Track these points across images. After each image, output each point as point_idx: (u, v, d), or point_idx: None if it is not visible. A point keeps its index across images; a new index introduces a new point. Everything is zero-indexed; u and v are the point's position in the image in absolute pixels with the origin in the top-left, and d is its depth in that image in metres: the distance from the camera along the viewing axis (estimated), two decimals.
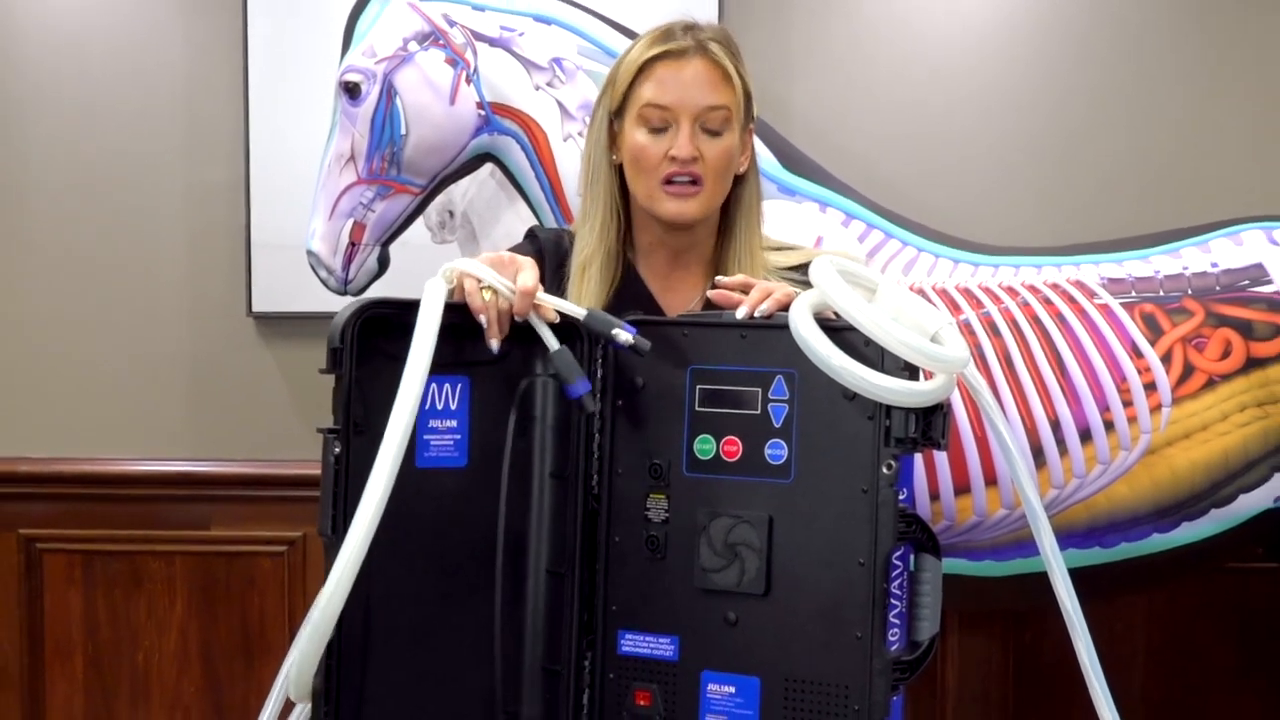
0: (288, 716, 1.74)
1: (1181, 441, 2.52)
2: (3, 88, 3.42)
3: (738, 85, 2.05)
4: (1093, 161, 3.31)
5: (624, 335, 1.73)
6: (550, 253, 2.11)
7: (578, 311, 1.77)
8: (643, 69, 2.04)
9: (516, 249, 2.10)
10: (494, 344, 1.74)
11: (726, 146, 2.03)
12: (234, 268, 3.39)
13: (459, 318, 1.73)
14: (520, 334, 1.79)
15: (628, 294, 2.08)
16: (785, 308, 1.71)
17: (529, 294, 1.76)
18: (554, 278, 2.08)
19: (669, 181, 2.02)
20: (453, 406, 1.75)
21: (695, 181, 2.02)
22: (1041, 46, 3.31)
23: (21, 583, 3.42)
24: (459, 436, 1.76)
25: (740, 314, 1.75)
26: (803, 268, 2.04)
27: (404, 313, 1.67)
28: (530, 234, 2.20)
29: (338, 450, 1.66)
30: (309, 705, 1.68)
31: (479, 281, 1.75)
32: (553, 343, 1.76)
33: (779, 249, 2.16)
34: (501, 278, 1.76)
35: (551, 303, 1.78)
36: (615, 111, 2.07)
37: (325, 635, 1.58)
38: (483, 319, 1.74)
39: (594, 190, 2.10)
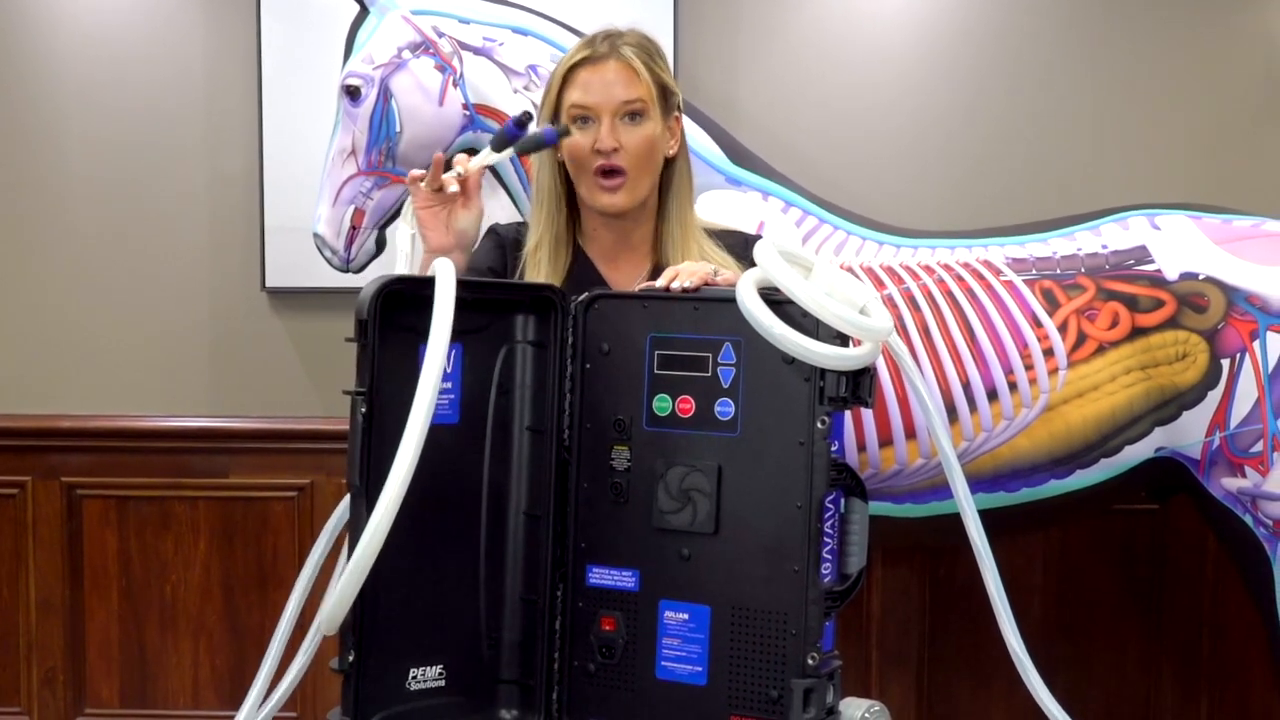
0: (298, 643, 1.73)
1: (1075, 400, 2.53)
2: (44, 92, 3.40)
3: (649, 80, 2.04)
4: (1000, 157, 3.32)
5: (549, 133, 2.00)
6: (510, 244, 2.12)
7: (503, 154, 2.02)
8: (567, 76, 2.05)
9: (481, 244, 2.12)
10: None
11: (646, 135, 2.03)
12: (249, 248, 3.37)
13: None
14: (501, 306, 1.78)
15: (577, 273, 2.07)
16: (707, 282, 1.75)
17: (418, 178, 2.01)
18: (514, 263, 2.09)
19: (600, 174, 2.02)
20: (448, 371, 1.74)
21: (620, 172, 2.02)
22: (957, 60, 3.31)
23: (64, 525, 3.40)
24: (453, 397, 1.74)
25: (659, 284, 1.78)
26: (733, 234, 2.11)
27: (419, 288, 1.64)
28: (492, 230, 2.17)
29: (364, 410, 1.63)
30: (314, 629, 1.67)
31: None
32: (499, 155, 2.02)
33: (722, 231, 2.15)
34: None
35: (475, 163, 2.01)
36: (552, 117, 2.07)
37: (361, 578, 1.55)
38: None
39: (540, 182, 2.11)
